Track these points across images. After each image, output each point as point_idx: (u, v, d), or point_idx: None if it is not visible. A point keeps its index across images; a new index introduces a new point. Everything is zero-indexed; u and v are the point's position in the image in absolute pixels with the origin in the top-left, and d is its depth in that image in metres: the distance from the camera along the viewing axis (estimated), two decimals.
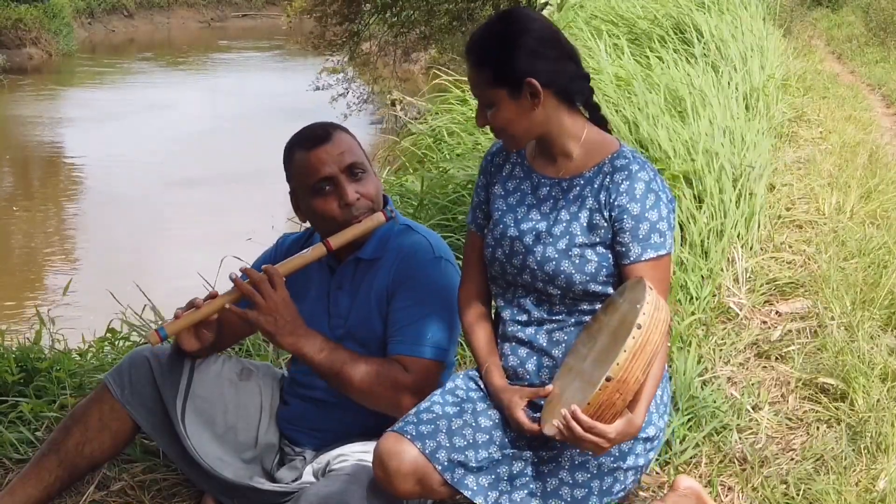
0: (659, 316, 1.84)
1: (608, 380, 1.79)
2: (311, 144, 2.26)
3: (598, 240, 2.07)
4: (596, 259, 2.06)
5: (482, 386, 2.19)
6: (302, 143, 2.29)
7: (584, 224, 2.08)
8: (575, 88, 2.11)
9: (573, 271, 2.06)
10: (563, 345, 2.11)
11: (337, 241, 2.22)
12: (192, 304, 2.22)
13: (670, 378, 2.27)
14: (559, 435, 1.88)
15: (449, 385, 2.19)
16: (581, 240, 2.07)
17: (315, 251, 2.23)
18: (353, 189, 2.24)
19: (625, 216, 2.04)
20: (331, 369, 2.21)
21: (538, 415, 2.10)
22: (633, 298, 1.94)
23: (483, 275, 2.25)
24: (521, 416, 2.04)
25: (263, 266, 2.18)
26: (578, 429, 1.84)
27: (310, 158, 2.25)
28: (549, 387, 2.05)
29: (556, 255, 2.07)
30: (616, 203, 2.05)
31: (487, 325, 2.24)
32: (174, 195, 11.08)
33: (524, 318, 2.14)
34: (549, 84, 2.04)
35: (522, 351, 2.14)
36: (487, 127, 2.12)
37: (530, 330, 2.14)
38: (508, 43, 2.03)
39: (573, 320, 2.11)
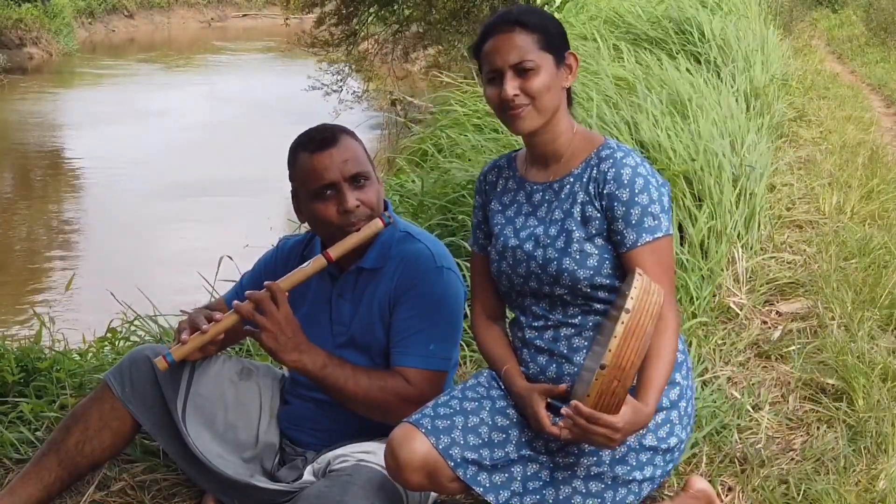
0: (649, 299, 1.82)
1: (602, 367, 1.78)
2: (316, 147, 2.25)
3: (594, 232, 2.06)
4: (596, 252, 2.05)
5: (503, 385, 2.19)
6: (307, 145, 2.27)
7: (579, 219, 2.07)
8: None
9: (575, 267, 2.05)
10: (584, 350, 2.09)
11: (336, 251, 2.21)
12: (193, 325, 2.20)
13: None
14: (570, 434, 1.86)
15: (471, 381, 2.18)
16: (578, 235, 2.06)
17: (315, 264, 2.21)
18: (354, 196, 2.23)
19: (615, 203, 2.04)
20: (333, 385, 2.22)
21: (558, 419, 2.10)
22: (622, 293, 1.95)
23: (493, 293, 2.25)
24: (545, 416, 2.01)
25: (266, 283, 2.16)
26: (583, 422, 1.82)
27: (313, 162, 2.24)
28: (563, 386, 2.04)
29: (557, 255, 2.06)
30: (605, 192, 2.05)
31: (504, 339, 2.24)
32: (174, 196, 11.07)
33: (540, 323, 2.13)
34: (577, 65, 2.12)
35: (542, 358, 2.12)
36: (510, 100, 2.04)
37: (548, 336, 2.12)
38: (548, 17, 2.11)
39: (590, 323, 2.09)
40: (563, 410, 1.85)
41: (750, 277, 3.98)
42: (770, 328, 3.59)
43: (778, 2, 11.81)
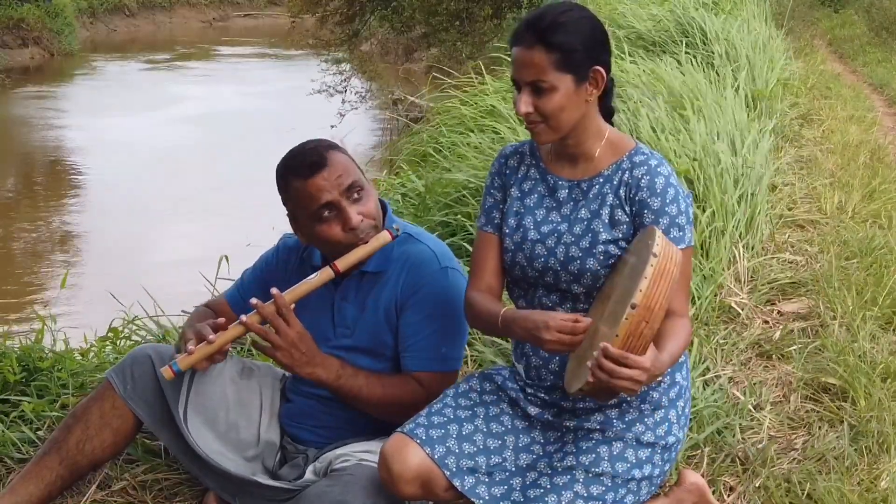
0: (670, 248, 1.86)
1: (633, 307, 1.78)
2: (308, 172, 2.22)
3: (619, 235, 2.06)
4: (619, 254, 2.06)
5: (499, 383, 2.18)
6: (298, 170, 2.24)
7: (606, 221, 2.07)
8: (611, 87, 2.13)
9: (598, 267, 2.05)
10: None
11: (344, 263, 2.21)
12: (198, 336, 2.17)
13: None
14: (592, 378, 1.80)
15: (462, 387, 2.18)
16: (604, 236, 2.06)
17: (322, 275, 2.21)
18: (356, 211, 2.22)
19: (645, 210, 2.04)
20: (348, 394, 2.24)
21: (546, 416, 2.10)
22: (638, 248, 1.97)
23: (495, 275, 2.20)
24: (557, 316, 1.93)
25: (273, 292, 2.14)
26: (610, 364, 1.77)
27: (308, 188, 2.21)
28: (585, 319, 1.95)
29: (581, 254, 2.06)
30: (637, 198, 2.05)
31: (496, 299, 2.18)
32: (175, 196, 11.09)
33: None
34: (605, 78, 2.05)
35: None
36: (525, 116, 2.04)
37: None
38: (580, 29, 2.01)
39: None
40: (593, 353, 1.80)
41: (751, 277, 3.98)
42: (771, 328, 3.59)
43: (779, 2, 11.81)
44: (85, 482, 2.53)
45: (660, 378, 2.04)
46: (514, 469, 2.06)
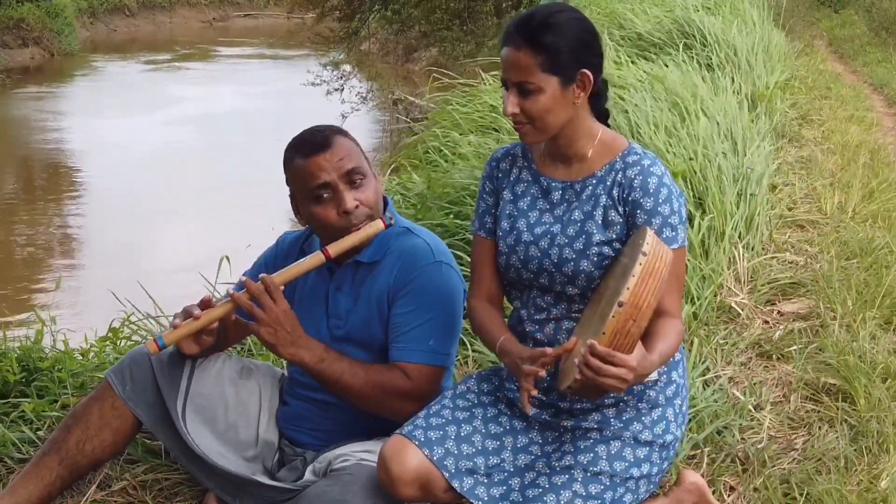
0: (661, 248, 1.86)
1: (620, 305, 1.78)
2: (310, 151, 2.24)
3: (613, 236, 2.06)
4: (613, 255, 2.05)
5: (497, 384, 2.18)
6: (301, 148, 2.26)
7: (600, 222, 2.07)
8: (603, 90, 2.12)
9: (592, 269, 2.05)
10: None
11: (336, 248, 2.21)
12: (187, 313, 2.20)
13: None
14: (580, 375, 1.81)
15: (460, 388, 2.18)
16: (598, 237, 2.06)
17: (313, 259, 2.21)
18: (352, 196, 2.22)
19: (638, 211, 2.04)
20: (330, 378, 2.21)
21: (544, 416, 2.10)
22: (630, 248, 1.98)
23: (494, 280, 2.21)
24: (527, 401, 1.95)
25: (261, 276, 2.15)
26: (596, 362, 1.77)
27: (308, 165, 2.23)
28: (573, 339, 1.97)
29: (574, 256, 2.06)
30: (630, 198, 2.05)
31: (500, 318, 2.20)
32: (175, 196, 11.09)
33: (542, 316, 2.12)
34: (594, 81, 2.05)
35: None
36: (511, 117, 2.05)
37: (549, 328, 2.11)
38: (568, 31, 2.00)
39: None
40: (581, 349, 1.81)
41: (751, 277, 3.98)
42: (771, 328, 3.59)
43: (780, 2, 11.81)
44: (85, 482, 2.53)
45: (653, 377, 2.04)
46: (512, 469, 2.06)
